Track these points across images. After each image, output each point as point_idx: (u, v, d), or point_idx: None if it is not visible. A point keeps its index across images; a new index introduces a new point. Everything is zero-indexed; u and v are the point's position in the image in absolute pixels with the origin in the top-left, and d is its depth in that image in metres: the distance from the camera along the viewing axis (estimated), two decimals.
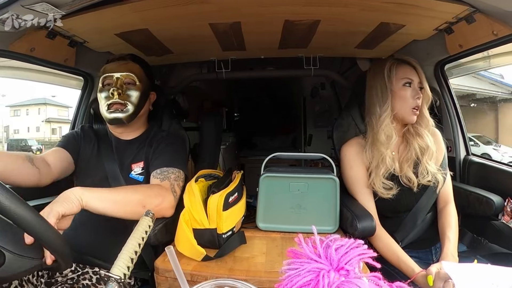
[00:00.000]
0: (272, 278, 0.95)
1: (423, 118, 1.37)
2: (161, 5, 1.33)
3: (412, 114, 1.34)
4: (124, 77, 1.39)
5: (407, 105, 1.34)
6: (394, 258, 1.24)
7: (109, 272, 0.70)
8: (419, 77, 1.35)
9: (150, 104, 1.51)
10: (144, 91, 1.43)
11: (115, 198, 1.07)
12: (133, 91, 1.39)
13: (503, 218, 1.44)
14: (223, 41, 1.84)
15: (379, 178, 1.33)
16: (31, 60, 1.48)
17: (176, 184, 1.29)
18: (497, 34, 1.33)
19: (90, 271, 1.26)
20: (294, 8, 1.42)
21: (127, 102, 1.37)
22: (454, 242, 1.28)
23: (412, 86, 1.34)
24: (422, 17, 1.47)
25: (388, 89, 1.35)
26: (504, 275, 0.67)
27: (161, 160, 1.34)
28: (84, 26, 1.47)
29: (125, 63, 1.43)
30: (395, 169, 1.35)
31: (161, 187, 1.23)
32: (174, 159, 1.35)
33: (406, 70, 1.36)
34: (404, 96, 1.34)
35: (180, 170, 1.34)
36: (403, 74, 1.35)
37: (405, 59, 1.39)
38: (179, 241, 1.13)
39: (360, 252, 0.61)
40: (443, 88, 1.84)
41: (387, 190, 1.33)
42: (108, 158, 1.39)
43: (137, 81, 1.41)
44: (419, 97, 1.34)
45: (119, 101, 1.36)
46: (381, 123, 1.34)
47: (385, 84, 1.36)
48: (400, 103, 1.35)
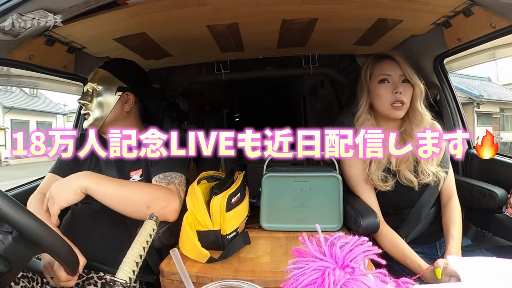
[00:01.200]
0: (278, 278, 0.94)
1: (417, 114, 1.35)
2: (158, 9, 1.34)
3: (393, 109, 1.33)
4: (89, 87, 1.42)
5: (385, 101, 1.33)
6: (400, 255, 1.24)
7: (115, 276, 0.70)
8: (402, 69, 1.33)
9: (126, 105, 1.45)
10: (107, 95, 1.41)
11: (121, 195, 1.09)
12: (93, 98, 1.40)
13: (507, 211, 1.43)
14: (221, 42, 1.84)
15: (374, 172, 1.33)
16: (31, 67, 1.48)
17: (181, 189, 1.29)
18: (495, 26, 1.32)
19: (95, 276, 1.26)
20: (291, 7, 1.42)
21: (88, 112, 1.40)
22: (458, 240, 1.27)
23: (391, 81, 1.34)
24: (420, 11, 1.47)
25: (365, 88, 1.39)
26: (510, 267, 0.67)
27: (162, 165, 1.32)
28: (82, 32, 1.47)
29: (94, 73, 1.44)
30: (391, 164, 1.35)
31: (168, 190, 1.23)
32: (175, 163, 1.34)
33: (383, 66, 1.36)
34: (379, 93, 1.35)
35: (182, 175, 1.33)
36: (379, 71, 1.35)
37: (385, 54, 1.39)
38: (183, 244, 1.13)
39: (365, 249, 0.61)
40: (443, 82, 1.84)
41: (384, 183, 1.33)
42: (107, 166, 1.39)
43: (98, 87, 1.40)
44: (399, 91, 1.31)
45: (84, 111, 1.42)
46: (356, 120, 1.39)
47: (362, 83, 1.40)
48: (377, 100, 1.36)
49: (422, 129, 1.31)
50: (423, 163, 1.33)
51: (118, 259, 0.74)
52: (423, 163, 1.33)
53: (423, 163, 1.33)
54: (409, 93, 1.33)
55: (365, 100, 1.39)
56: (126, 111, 1.45)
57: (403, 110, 1.33)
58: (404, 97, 1.31)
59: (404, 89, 1.32)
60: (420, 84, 1.33)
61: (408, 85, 1.33)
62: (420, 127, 1.33)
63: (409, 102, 1.34)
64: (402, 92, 1.31)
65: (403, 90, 1.31)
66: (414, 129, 1.33)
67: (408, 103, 1.33)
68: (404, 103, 1.31)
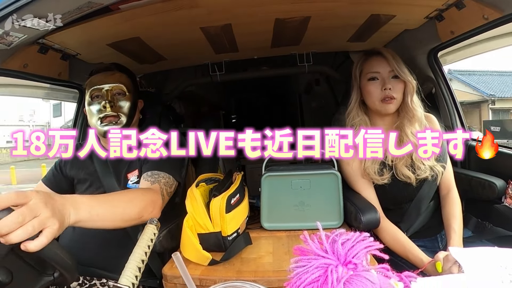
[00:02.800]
0: (281, 277, 0.94)
1: (408, 109, 1.35)
2: (151, 13, 1.33)
3: (383, 104, 1.34)
4: (114, 88, 1.37)
5: (375, 98, 1.34)
6: (401, 249, 1.24)
7: (117, 282, 0.70)
8: (390, 65, 1.33)
9: (139, 112, 1.49)
10: (134, 101, 1.42)
11: (113, 216, 1.00)
12: (124, 101, 1.38)
13: (506, 201, 1.44)
14: (215, 44, 1.84)
15: (369, 166, 1.34)
16: (25, 76, 1.48)
17: (165, 189, 1.26)
18: (487, 18, 1.33)
19: (97, 283, 1.26)
20: (284, 6, 1.42)
21: (120, 114, 1.36)
22: (459, 233, 1.28)
23: (380, 78, 1.34)
24: (412, 6, 1.48)
25: (355, 85, 1.41)
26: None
27: (152, 163, 1.30)
28: (75, 39, 1.47)
29: (112, 74, 1.40)
30: (387, 159, 1.35)
31: (153, 193, 1.19)
32: (164, 163, 1.30)
33: (373, 63, 1.36)
34: (369, 90, 1.36)
35: (170, 176, 1.30)
36: (369, 69, 1.36)
37: (375, 50, 1.39)
38: (185, 247, 1.13)
39: (367, 245, 0.61)
40: (438, 76, 1.84)
41: (380, 176, 1.34)
42: (104, 173, 1.38)
43: (127, 91, 1.39)
44: (387, 87, 1.31)
45: (112, 113, 1.34)
46: (347, 116, 1.42)
47: (353, 80, 1.42)
48: (368, 97, 1.37)
49: (415, 124, 1.34)
50: (418, 158, 1.33)
51: (120, 264, 0.74)
52: (418, 160, 1.33)
53: (418, 160, 1.33)
54: (400, 88, 1.33)
55: (356, 96, 1.41)
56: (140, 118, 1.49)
57: (393, 104, 1.33)
58: (394, 93, 1.32)
59: (394, 85, 1.32)
60: (410, 79, 1.33)
61: (398, 80, 1.33)
62: (412, 122, 1.34)
63: (400, 96, 1.34)
64: (392, 88, 1.32)
65: (393, 86, 1.32)
66: (406, 124, 1.34)
67: (399, 97, 1.34)
68: (394, 98, 1.32)
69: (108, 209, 0.99)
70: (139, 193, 1.18)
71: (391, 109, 1.34)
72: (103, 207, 0.96)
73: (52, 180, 1.45)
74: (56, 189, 1.41)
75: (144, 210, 1.10)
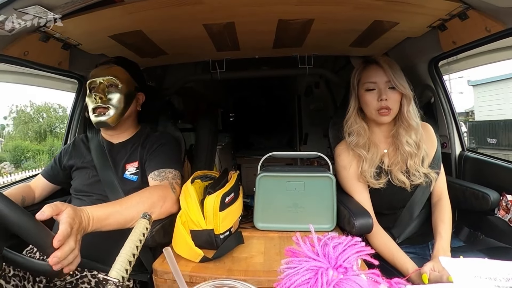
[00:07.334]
0: (271, 278, 0.95)
1: (404, 119, 1.36)
2: (154, 7, 1.33)
3: (379, 115, 1.34)
4: (106, 81, 1.42)
5: (372, 108, 1.36)
6: (390, 256, 1.25)
7: (108, 275, 0.70)
8: (387, 76, 1.33)
9: (138, 105, 1.53)
10: (127, 93, 1.45)
11: (125, 218, 1.08)
12: (114, 93, 1.42)
13: (499, 213, 1.45)
14: (217, 41, 1.84)
15: (366, 169, 1.35)
16: (25, 63, 1.47)
17: (174, 182, 1.32)
18: (490, 30, 1.33)
19: (88, 275, 1.25)
20: (288, 7, 1.42)
21: (109, 106, 1.41)
22: (447, 238, 1.29)
23: (376, 88, 1.35)
24: (416, 14, 1.48)
25: (353, 94, 1.42)
26: (501, 269, 0.68)
27: (157, 162, 1.36)
28: (77, 29, 1.46)
29: (108, 67, 1.46)
30: (383, 163, 1.37)
31: (161, 188, 1.26)
32: (169, 160, 1.38)
33: (370, 73, 1.36)
34: (366, 100, 1.37)
35: (176, 170, 1.37)
36: (366, 79, 1.37)
37: (373, 60, 1.39)
38: (177, 243, 1.13)
39: (358, 250, 0.61)
40: (438, 85, 1.85)
41: (377, 180, 1.35)
42: (102, 166, 1.40)
43: (119, 84, 1.43)
44: (383, 98, 1.32)
45: (101, 105, 1.40)
46: (345, 123, 1.44)
47: (351, 88, 1.43)
48: (364, 106, 1.39)
49: (410, 133, 1.35)
50: (412, 166, 1.34)
51: (112, 257, 0.73)
52: (412, 166, 1.34)
53: (413, 166, 1.34)
54: (396, 99, 1.34)
55: (354, 104, 1.42)
56: (138, 110, 1.54)
57: (389, 116, 1.34)
58: (390, 104, 1.32)
59: (390, 95, 1.33)
60: (407, 90, 1.33)
61: (394, 91, 1.33)
62: (408, 131, 1.35)
63: (396, 107, 1.35)
64: (388, 99, 1.32)
65: (389, 96, 1.32)
66: (402, 133, 1.35)
67: (395, 108, 1.34)
68: (390, 109, 1.33)
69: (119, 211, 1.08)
70: (146, 193, 1.22)
71: (386, 120, 1.35)
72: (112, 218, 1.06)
73: (50, 173, 1.53)
74: (53, 181, 1.52)
75: (153, 207, 1.16)
